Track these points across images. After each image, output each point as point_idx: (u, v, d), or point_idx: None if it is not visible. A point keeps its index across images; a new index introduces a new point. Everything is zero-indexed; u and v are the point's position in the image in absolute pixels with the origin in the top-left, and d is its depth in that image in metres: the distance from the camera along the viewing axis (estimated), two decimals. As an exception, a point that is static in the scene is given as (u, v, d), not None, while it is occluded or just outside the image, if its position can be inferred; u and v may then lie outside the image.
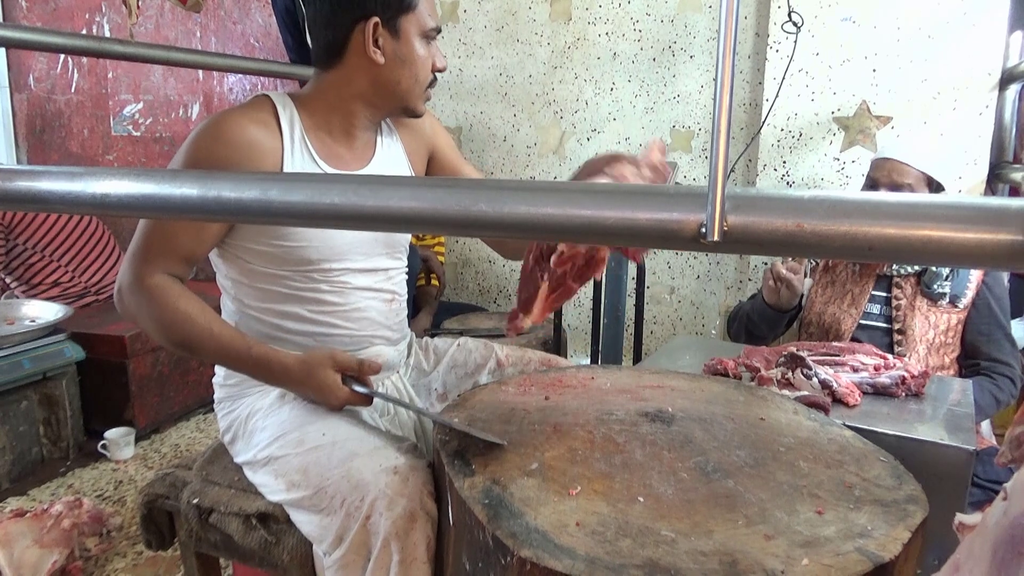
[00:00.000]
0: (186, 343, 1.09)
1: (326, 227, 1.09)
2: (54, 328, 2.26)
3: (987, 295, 1.71)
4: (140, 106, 3.48)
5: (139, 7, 1.83)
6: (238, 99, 3.32)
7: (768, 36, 2.37)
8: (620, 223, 0.52)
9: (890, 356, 1.40)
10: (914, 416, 1.23)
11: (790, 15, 2.16)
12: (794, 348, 1.40)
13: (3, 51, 3.64)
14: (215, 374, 1.26)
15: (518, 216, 0.54)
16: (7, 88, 3.67)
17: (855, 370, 1.35)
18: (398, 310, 1.31)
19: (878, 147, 2.26)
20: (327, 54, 1.16)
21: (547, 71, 2.85)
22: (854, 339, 1.75)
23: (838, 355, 1.42)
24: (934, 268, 1.69)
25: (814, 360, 1.33)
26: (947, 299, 1.70)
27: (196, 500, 1.14)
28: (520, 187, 0.55)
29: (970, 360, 1.73)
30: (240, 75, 3.26)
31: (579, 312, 2.97)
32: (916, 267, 1.72)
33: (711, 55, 2.60)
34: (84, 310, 2.67)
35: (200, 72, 3.32)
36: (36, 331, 2.19)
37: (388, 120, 1.29)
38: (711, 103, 2.64)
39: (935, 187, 1.72)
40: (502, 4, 2.86)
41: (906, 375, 1.31)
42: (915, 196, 0.48)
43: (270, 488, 1.07)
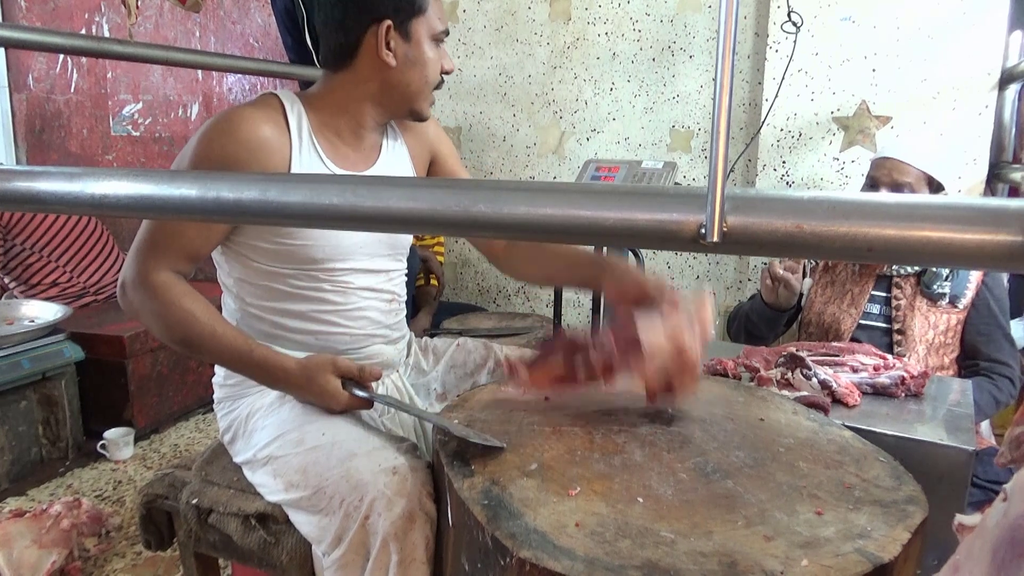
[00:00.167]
0: (188, 342, 1.09)
1: (325, 227, 1.09)
2: (53, 328, 2.26)
3: (987, 295, 1.70)
4: (139, 106, 3.48)
5: (138, 7, 1.83)
6: (237, 99, 3.32)
7: (767, 36, 2.37)
8: (620, 224, 0.52)
9: (889, 356, 1.40)
10: (914, 416, 1.23)
11: (789, 15, 2.16)
12: (793, 348, 1.40)
13: (2, 51, 3.64)
14: (215, 374, 1.26)
15: (517, 217, 0.54)
16: (6, 88, 3.67)
17: (854, 370, 1.35)
18: (397, 310, 1.31)
19: (877, 147, 2.26)
20: (338, 56, 1.16)
21: (546, 71, 2.85)
22: (853, 339, 1.75)
23: (837, 355, 1.42)
24: (934, 268, 1.68)
25: (813, 360, 1.33)
26: (947, 299, 1.70)
27: (195, 500, 1.14)
28: (519, 187, 0.55)
29: (969, 360, 1.73)
30: (239, 75, 3.26)
31: (578, 312, 2.97)
32: (916, 267, 1.72)
33: (710, 55, 2.61)
34: (83, 310, 2.66)
35: (199, 72, 3.32)
36: (35, 331, 2.19)
37: (393, 123, 1.30)
38: (710, 103, 2.64)
39: (935, 187, 1.72)
40: (501, 4, 2.86)
41: (905, 375, 1.31)
42: (914, 197, 0.48)
43: (269, 488, 1.07)
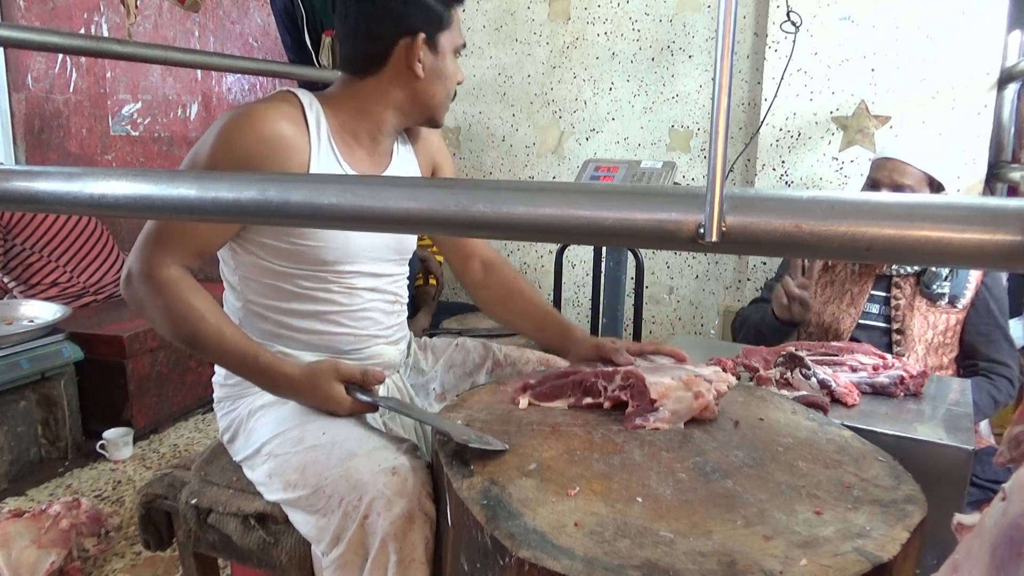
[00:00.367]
0: (193, 340, 1.08)
1: (326, 227, 1.09)
2: (52, 328, 2.26)
3: (986, 295, 1.70)
4: (139, 106, 3.48)
5: (137, 7, 1.83)
6: (237, 99, 3.32)
7: (767, 36, 2.37)
8: (618, 224, 0.52)
9: (889, 356, 1.40)
10: (913, 416, 1.23)
11: (788, 15, 2.16)
12: (792, 348, 1.40)
13: (1, 51, 3.63)
14: (215, 373, 1.26)
15: (516, 216, 0.54)
16: (5, 88, 3.66)
17: (854, 370, 1.35)
18: (399, 312, 1.32)
19: (877, 147, 2.26)
20: (366, 63, 1.17)
21: (546, 71, 2.85)
22: (853, 339, 1.75)
23: (837, 355, 1.42)
24: (933, 268, 1.68)
25: (813, 360, 1.33)
26: (946, 299, 1.69)
27: (194, 500, 1.14)
28: (518, 187, 0.55)
29: (968, 360, 1.73)
30: (239, 75, 3.25)
31: (577, 312, 2.97)
32: (915, 267, 1.72)
33: (710, 55, 2.61)
34: (82, 310, 2.66)
35: (199, 72, 3.32)
36: (34, 331, 2.19)
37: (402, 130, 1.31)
38: (710, 103, 2.64)
39: (936, 187, 1.72)
40: (501, 4, 2.86)
41: (905, 375, 1.31)
42: (913, 196, 0.48)
43: (268, 486, 1.07)
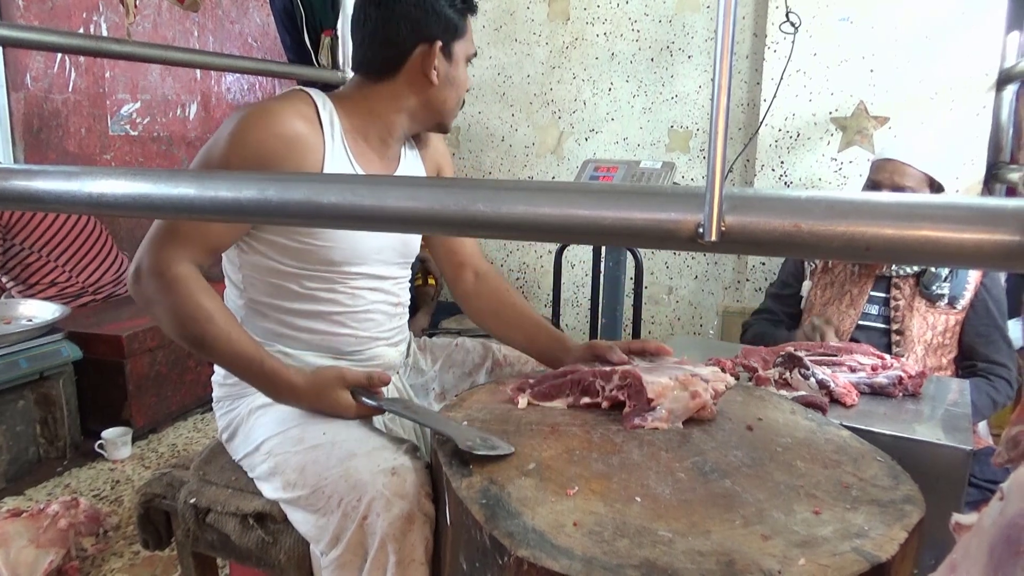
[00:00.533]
0: (199, 341, 1.07)
1: (325, 227, 1.09)
2: (51, 327, 2.26)
3: (985, 297, 1.70)
4: (138, 106, 3.47)
5: (136, 6, 1.83)
6: (236, 99, 3.32)
7: (766, 36, 2.38)
8: (618, 223, 0.52)
9: (887, 356, 1.40)
10: (911, 416, 1.23)
11: (788, 15, 2.16)
12: (791, 348, 1.40)
13: (0, 50, 3.63)
14: (214, 373, 1.26)
15: (516, 216, 0.54)
16: (4, 87, 3.66)
17: (852, 370, 1.35)
18: (401, 314, 1.33)
19: (876, 147, 2.26)
20: (381, 68, 1.17)
21: (545, 71, 2.85)
22: (852, 340, 1.75)
23: (835, 355, 1.42)
24: (933, 269, 1.68)
25: (812, 360, 1.33)
26: (945, 300, 1.70)
27: (193, 500, 1.14)
28: (517, 187, 0.55)
29: (967, 361, 1.73)
30: (238, 75, 3.25)
31: (577, 312, 2.97)
32: (915, 268, 1.72)
33: (709, 55, 2.61)
34: (81, 310, 2.66)
35: (198, 72, 3.32)
36: (33, 330, 2.19)
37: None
38: (709, 103, 2.64)
39: (936, 188, 1.72)
40: (500, 4, 2.86)
41: (903, 375, 1.31)
42: (912, 196, 0.48)
43: (267, 485, 1.07)
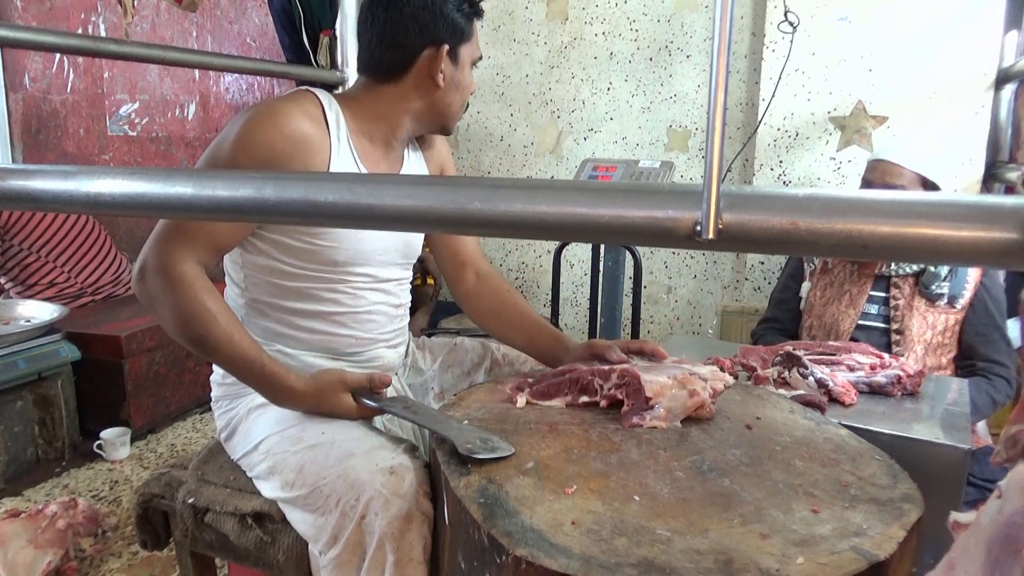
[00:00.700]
0: (201, 341, 1.06)
1: (323, 225, 1.09)
2: (50, 328, 2.26)
3: (984, 296, 1.70)
4: (136, 106, 3.47)
5: (135, 6, 1.83)
6: (234, 99, 3.32)
7: (764, 36, 2.38)
8: (615, 221, 0.52)
9: (886, 356, 1.40)
10: (910, 415, 1.23)
11: (786, 15, 2.16)
12: (790, 347, 1.40)
13: (-1, 50, 3.63)
14: (213, 372, 1.26)
15: (513, 214, 0.54)
16: (2, 88, 3.66)
17: (851, 369, 1.36)
18: (402, 316, 1.33)
19: (874, 147, 2.26)
20: (388, 69, 1.17)
21: (544, 71, 2.85)
22: (852, 339, 1.75)
23: (834, 354, 1.42)
24: (932, 268, 1.69)
25: (810, 359, 1.33)
26: (945, 299, 1.70)
27: (192, 500, 1.13)
28: (515, 185, 0.55)
29: (966, 361, 1.73)
30: (236, 75, 3.25)
31: (576, 312, 2.97)
32: (914, 267, 1.72)
33: (708, 55, 2.61)
34: (80, 310, 2.66)
35: (196, 72, 3.32)
36: (31, 331, 2.19)
37: None
38: (707, 102, 2.64)
39: (929, 188, 1.72)
40: (499, 3, 2.86)
41: (902, 374, 1.31)
42: (910, 194, 0.48)
43: (266, 485, 1.07)
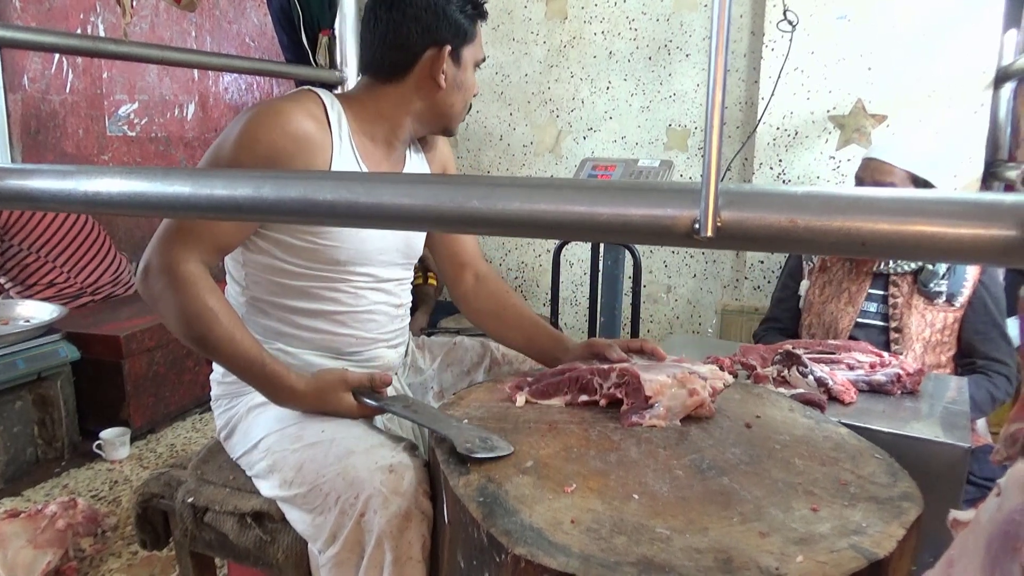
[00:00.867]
0: (203, 341, 1.07)
1: (320, 224, 1.09)
2: (49, 328, 2.26)
3: (983, 294, 1.70)
4: (135, 106, 3.47)
5: (133, 7, 1.82)
6: (234, 99, 3.31)
7: (763, 34, 2.38)
8: (614, 219, 0.52)
9: (885, 354, 1.40)
10: (910, 414, 1.23)
11: (785, 13, 2.16)
12: (790, 346, 1.40)
13: (-3, 51, 3.63)
14: (212, 371, 1.26)
15: (512, 212, 0.54)
16: (1, 88, 3.66)
17: (851, 368, 1.36)
18: (403, 316, 1.33)
19: (873, 146, 2.26)
20: (390, 70, 1.17)
21: (543, 70, 2.85)
22: (851, 337, 1.75)
23: (834, 353, 1.42)
24: (931, 266, 1.69)
25: (810, 358, 1.33)
26: (944, 297, 1.70)
27: (191, 499, 1.13)
28: (514, 183, 0.55)
29: (966, 359, 1.73)
30: (236, 75, 3.25)
31: (575, 311, 2.97)
32: (913, 265, 1.72)
33: (707, 53, 2.60)
34: (79, 310, 2.66)
35: (195, 72, 3.31)
36: (31, 331, 2.19)
37: None
38: (706, 101, 2.64)
39: (921, 186, 1.72)
40: (498, 3, 2.86)
41: (901, 372, 1.31)
42: (909, 192, 0.48)
43: (265, 484, 1.07)
